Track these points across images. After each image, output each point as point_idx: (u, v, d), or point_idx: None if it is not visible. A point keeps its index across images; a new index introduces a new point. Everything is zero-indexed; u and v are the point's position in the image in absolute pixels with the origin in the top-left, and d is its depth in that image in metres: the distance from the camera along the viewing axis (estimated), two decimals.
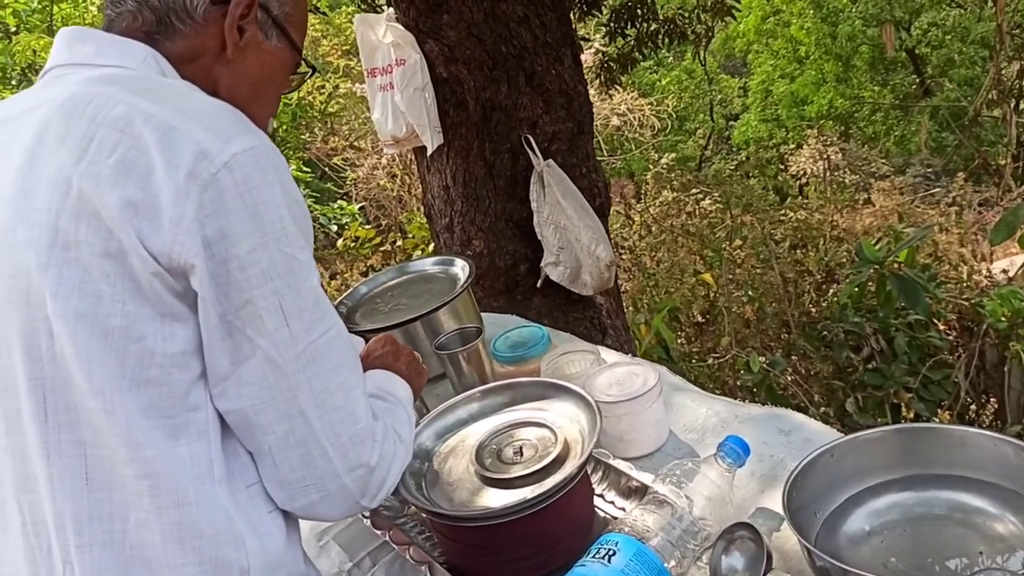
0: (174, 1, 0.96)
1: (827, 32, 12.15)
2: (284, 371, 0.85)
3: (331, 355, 0.89)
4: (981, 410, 4.00)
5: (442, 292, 1.83)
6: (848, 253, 5.15)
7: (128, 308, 0.81)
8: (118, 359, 0.81)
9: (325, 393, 0.88)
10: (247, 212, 0.82)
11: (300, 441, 0.87)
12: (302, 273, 0.87)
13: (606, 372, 1.44)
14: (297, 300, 0.86)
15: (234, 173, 0.82)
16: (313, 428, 0.87)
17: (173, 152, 0.81)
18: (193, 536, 0.85)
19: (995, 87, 5.20)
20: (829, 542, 1.09)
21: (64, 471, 0.83)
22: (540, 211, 3.06)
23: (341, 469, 0.89)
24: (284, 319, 0.85)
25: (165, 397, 0.84)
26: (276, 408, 0.86)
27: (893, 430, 1.16)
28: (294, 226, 0.86)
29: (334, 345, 0.89)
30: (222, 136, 0.83)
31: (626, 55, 4.76)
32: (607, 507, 1.30)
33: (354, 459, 0.90)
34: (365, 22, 3.12)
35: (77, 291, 0.80)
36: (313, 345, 0.87)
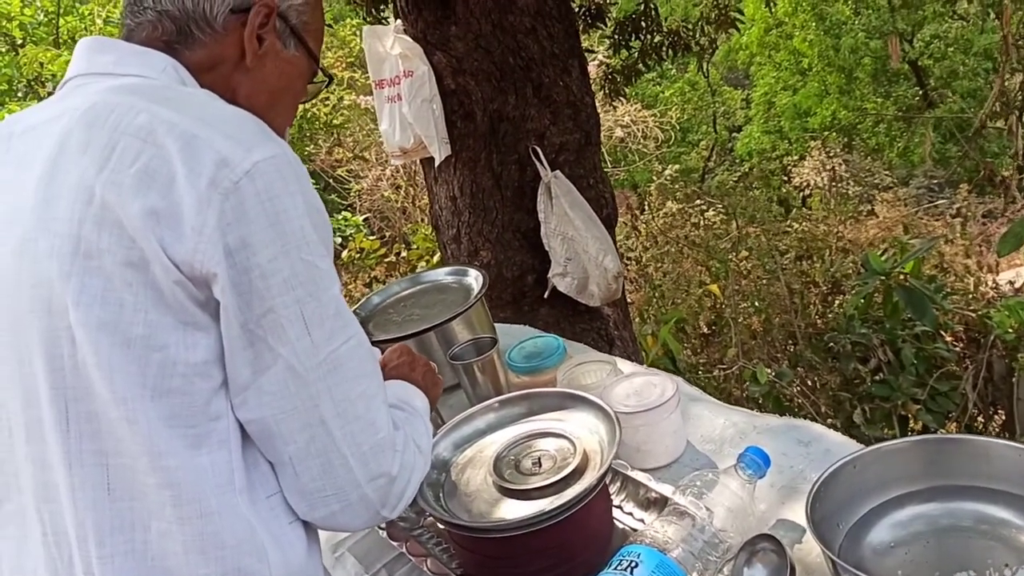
0: (194, 10, 0.96)
1: (830, 44, 12.18)
2: (305, 380, 0.85)
3: (352, 364, 0.88)
4: (989, 422, 3.99)
5: (455, 302, 1.82)
6: (854, 264, 5.15)
7: (150, 317, 0.81)
8: (140, 368, 0.81)
9: (346, 403, 0.87)
10: (268, 221, 0.82)
11: (321, 451, 0.87)
12: (324, 282, 0.86)
13: (623, 382, 1.43)
14: (319, 309, 0.85)
15: (256, 182, 0.81)
16: (334, 438, 0.87)
17: (195, 161, 0.81)
18: (216, 546, 0.84)
19: (999, 99, 5.19)
20: (853, 554, 1.08)
21: (86, 481, 0.83)
22: (547, 222, 3.06)
23: (362, 479, 0.89)
24: (306, 328, 0.84)
25: (187, 407, 0.83)
26: (297, 418, 0.86)
27: (916, 441, 1.15)
28: (315, 235, 0.86)
29: (355, 354, 0.89)
30: (243, 145, 0.83)
31: (630, 67, 4.77)
32: (625, 519, 1.29)
33: (375, 469, 0.89)
34: (373, 34, 3.13)
35: (99, 300, 0.80)
36: (335, 354, 0.87)
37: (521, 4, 2.95)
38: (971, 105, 10.42)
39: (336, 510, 0.90)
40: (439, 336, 1.75)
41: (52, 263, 0.81)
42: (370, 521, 0.94)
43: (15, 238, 0.84)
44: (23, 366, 0.84)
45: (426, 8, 2.95)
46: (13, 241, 0.85)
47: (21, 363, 0.85)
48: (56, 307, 0.81)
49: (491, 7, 2.92)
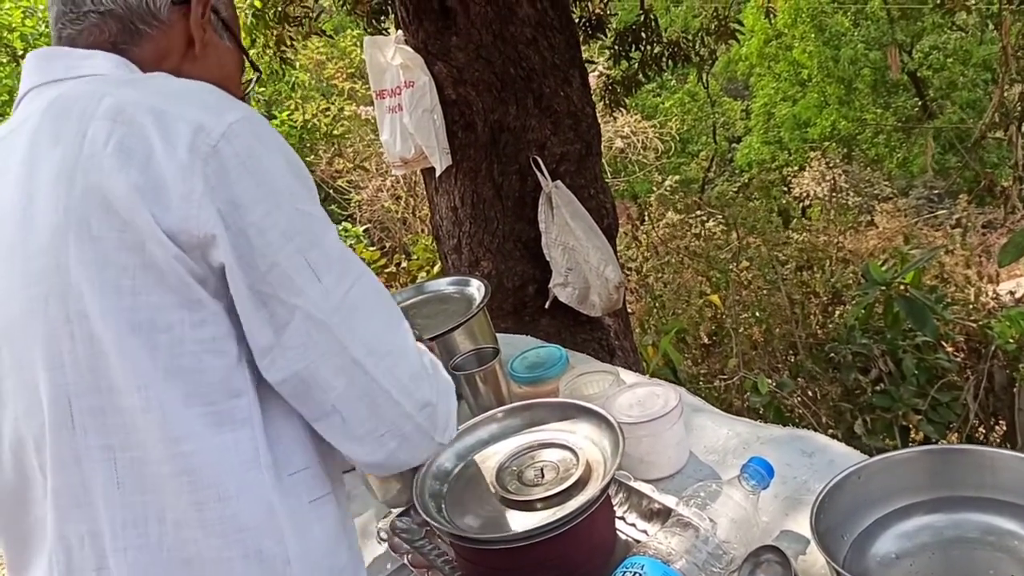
0: (137, 6, 0.97)
1: (829, 55, 12.21)
2: (327, 325, 0.84)
3: (369, 300, 0.89)
4: (990, 432, 3.98)
5: (457, 312, 1.82)
6: (854, 275, 5.15)
7: (152, 299, 0.80)
8: (149, 351, 0.80)
9: (374, 339, 0.87)
10: (254, 179, 0.82)
11: (363, 391, 0.87)
12: (320, 227, 0.86)
13: (626, 393, 1.43)
14: (322, 254, 0.85)
15: (233, 143, 0.82)
16: (372, 376, 0.87)
17: (170, 132, 0.81)
18: (236, 529, 0.84)
19: (999, 109, 5.20)
20: (857, 565, 1.07)
21: (95, 476, 0.82)
22: (548, 232, 3.06)
23: (411, 409, 0.89)
24: (314, 275, 0.84)
25: (202, 384, 0.83)
26: (330, 364, 0.85)
27: (921, 451, 1.15)
28: (301, 185, 0.86)
29: (369, 290, 0.89)
30: (214, 110, 0.83)
31: (630, 78, 4.78)
32: (628, 530, 1.28)
33: (419, 397, 0.90)
34: (374, 44, 3.14)
35: (98, 289, 0.79)
36: (349, 295, 0.86)
37: (522, 15, 2.96)
38: (970, 116, 10.45)
39: (394, 448, 0.90)
40: (441, 346, 1.75)
41: (43, 259, 0.81)
42: (430, 450, 0.95)
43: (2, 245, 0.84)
44: (23, 372, 0.84)
45: (427, 18, 2.96)
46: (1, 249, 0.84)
47: (21, 370, 0.84)
48: (52, 304, 0.81)
49: (492, 18, 2.92)
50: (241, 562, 0.84)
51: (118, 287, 0.79)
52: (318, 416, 0.88)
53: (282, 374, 0.85)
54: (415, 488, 1.21)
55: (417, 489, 1.21)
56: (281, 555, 0.87)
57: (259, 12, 4.43)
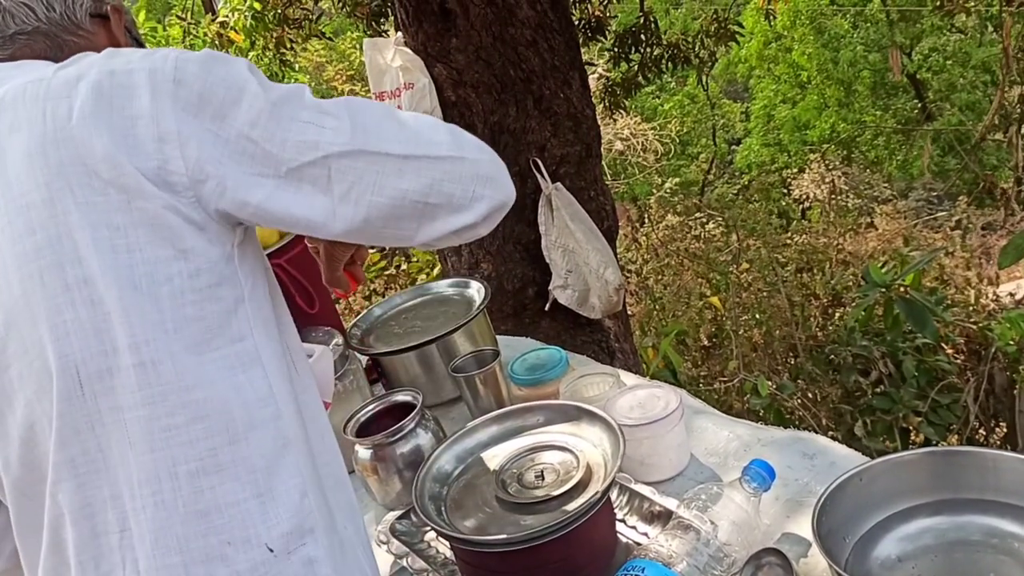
0: (61, 19, 0.99)
1: (829, 57, 12.22)
2: (359, 150, 0.87)
3: (368, 111, 0.91)
4: (990, 434, 3.98)
5: (457, 315, 1.81)
6: (854, 277, 5.14)
7: (147, 255, 0.81)
8: (154, 305, 0.81)
9: (400, 131, 0.90)
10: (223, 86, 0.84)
11: (431, 172, 0.89)
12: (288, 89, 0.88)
13: (627, 395, 1.42)
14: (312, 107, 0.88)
15: (188, 67, 0.84)
16: (427, 155, 0.89)
17: (126, 84, 0.82)
18: (248, 470, 0.85)
19: (999, 111, 5.20)
20: (859, 568, 1.07)
21: (110, 439, 0.82)
22: (548, 234, 3.06)
23: (474, 155, 0.93)
24: (316, 125, 0.86)
25: (207, 332, 0.84)
26: (388, 175, 0.87)
27: (923, 453, 1.14)
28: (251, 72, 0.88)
29: (361, 104, 0.92)
30: (155, 54, 0.85)
31: (630, 80, 4.78)
32: (629, 532, 1.28)
33: (468, 141, 0.94)
34: (374, 46, 3.13)
35: (94, 252, 0.80)
36: (352, 117, 0.88)
37: (522, 16, 2.96)
38: (970, 118, 10.45)
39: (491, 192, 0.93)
40: (440, 348, 1.74)
41: (31, 238, 0.81)
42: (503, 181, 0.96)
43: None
44: (30, 356, 0.83)
45: (427, 20, 2.96)
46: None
47: (27, 354, 0.84)
48: (48, 276, 0.81)
49: (492, 19, 2.92)
50: (255, 502, 0.85)
51: (113, 247, 0.80)
52: (416, 221, 0.91)
53: (359, 216, 0.88)
54: (415, 490, 1.20)
55: (417, 491, 1.20)
56: (300, 487, 0.88)
57: (259, 14, 4.43)
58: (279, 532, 0.86)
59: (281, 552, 0.86)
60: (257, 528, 0.85)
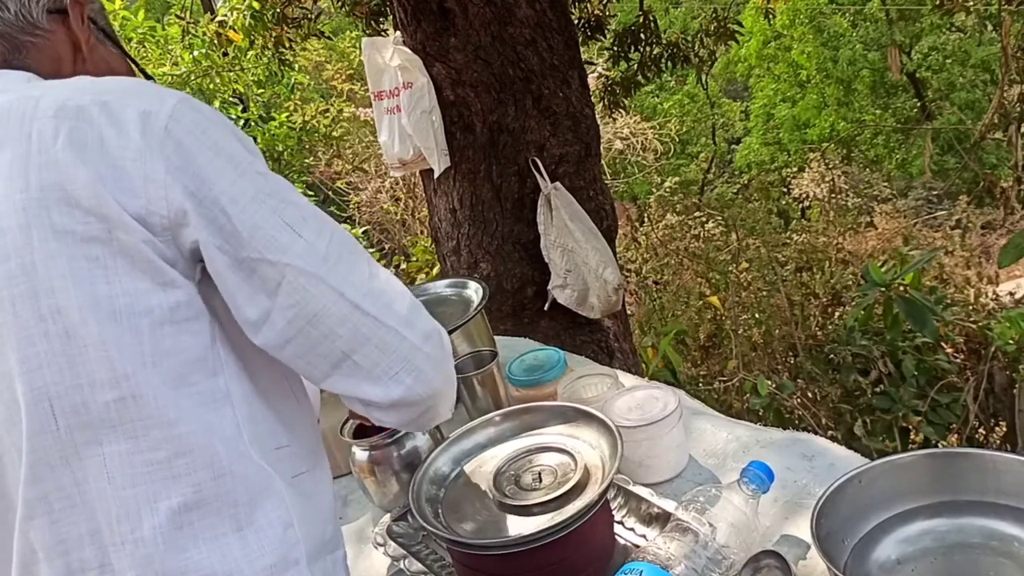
0: (16, 19, 0.96)
1: (828, 56, 12.23)
2: (320, 276, 0.85)
3: (349, 247, 0.90)
4: (990, 434, 3.97)
5: (455, 315, 1.81)
6: (854, 276, 5.13)
7: (126, 285, 0.80)
8: (134, 337, 0.80)
9: (366, 281, 0.89)
10: (212, 151, 0.83)
11: (369, 332, 0.87)
12: (285, 187, 0.88)
13: (625, 396, 1.41)
14: (296, 210, 0.86)
15: (182, 122, 0.82)
16: (374, 315, 0.88)
17: (118, 119, 0.81)
18: (230, 504, 0.84)
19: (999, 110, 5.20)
20: (858, 571, 1.06)
21: (87, 473, 0.81)
22: (547, 234, 3.05)
23: (417, 341, 0.90)
24: (294, 231, 0.85)
25: (185, 364, 0.83)
26: (330, 313, 0.86)
27: (922, 455, 1.13)
28: (252, 152, 0.88)
29: (346, 239, 0.90)
30: (152, 95, 0.84)
31: (629, 79, 4.77)
32: (627, 534, 1.27)
33: (422, 327, 0.91)
34: (372, 45, 3.13)
35: (72, 282, 0.78)
36: (332, 244, 0.87)
37: (521, 16, 2.95)
38: (969, 117, 10.45)
39: (411, 382, 0.90)
40: None
41: (5, 264, 0.79)
42: (447, 380, 0.96)
43: None
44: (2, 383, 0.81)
45: (425, 20, 2.95)
46: None
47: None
48: (21, 305, 0.79)
49: (491, 19, 2.91)
50: (234, 536, 0.85)
51: (91, 277, 0.79)
52: (330, 368, 0.89)
53: (284, 334, 0.86)
54: (411, 492, 1.20)
55: (414, 493, 1.20)
56: (284, 518, 0.88)
57: (258, 13, 4.42)
58: (262, 564, 0.86)
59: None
60: (239, 563, 0.85)
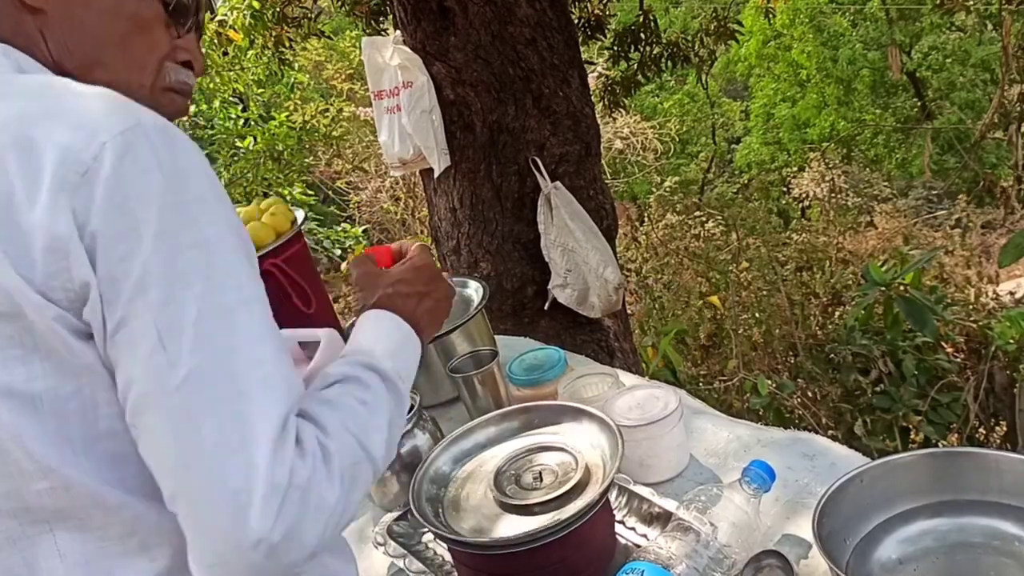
0: None
1: (828, 56, 12.23)
2: (162, 410, 0.68)
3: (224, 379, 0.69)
4: (990, 433, 3.97)
5: (455, 314, 1.80)
6: (854, 276, 5.14)
7: (47, 366, 0.69)
8: (58, 425, 0.70)
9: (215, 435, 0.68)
10: (118, 212, 0.67)
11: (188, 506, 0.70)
12: (185, 278, 0.69)
13: (625, 395, 1.41)
14: (177, 313, 0.68)
15: (104, 166, 0.67)
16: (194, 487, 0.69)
17: (34, 165, 0.67)
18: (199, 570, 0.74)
19: (999, 109, 5.20)
20: (860, 570, 1.06)
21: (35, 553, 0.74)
22: (547, 233, 3.05)
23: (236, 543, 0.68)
24: (159, 341, 0.67)
25: (124, 444, 0.71)
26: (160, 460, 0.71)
27: (924, 455, 1.13)
28: (182, 214, 0.70)
29: (235, 364, 0.70)
30: (87, 128, 0.68)
31: (629, 78, 4.77)
32: (628, 534, 1.27)
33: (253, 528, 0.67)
34: (372, 45, 3.13)
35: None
36: (199, 371, 0.68)
37: (521, 15, 2.95)
38: (969, 116, 10.45)
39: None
40: (438, 348, 1.73)
41: None
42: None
43: None
44: None
45: (425, 19, 2.95)
46: None
47: None
48: None
49: (491, 18, 2.91)
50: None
51: (5, 360, 0.69)
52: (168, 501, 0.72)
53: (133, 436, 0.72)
54: (412, 492, 1.19)
55: (414, 492, 1.19)
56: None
57: (258, 13, 4.42)
58: None
59: None
60: None
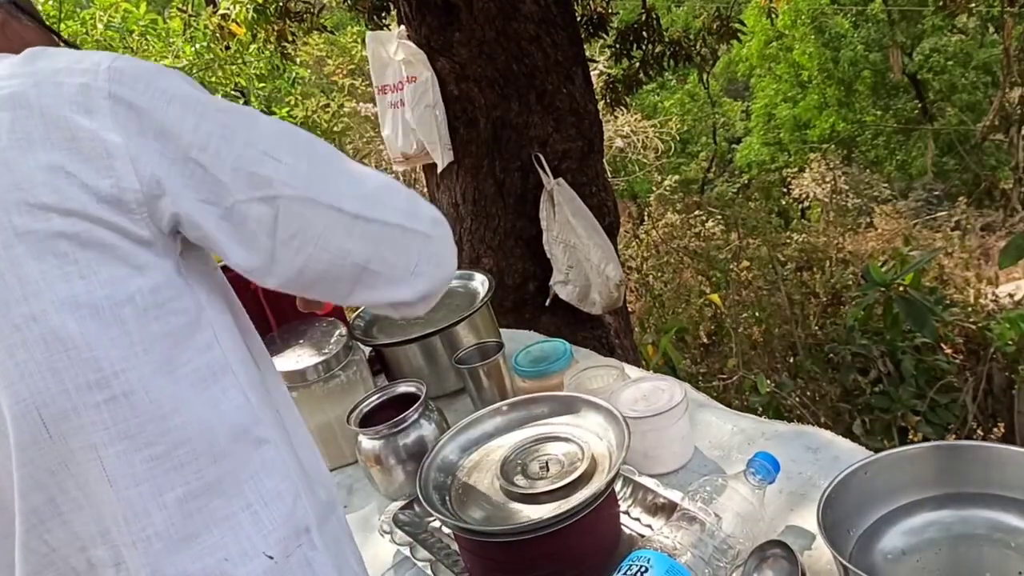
0: None
1: (829, 57, 12.23)
2: (312, 199, 0.82)
3: (329, 157, 0.87)
4: (988, 434, 3.98)
5: (461, 307, 1.81)
6: (854, 276, 5.15)
7: (102, 275, 0.76)
8: (121, 328, 0.76)
9: (357, 187, 0.86)
10: (164, 101, 0.78)
11: (379, 238, 0.86)
12: (247, 114, 0.83)
13: (631, 387, 1.42)
14: (267, 136, 0.82)
15: (123, 81, 0.77)
16: (378, 219, 0.86)
17: (58, 101, 0.75)
18: (234, 483, 0.83)
19: (999, 112, 5.21)
20: (864, 561, 1.07)
21: (88, 476, 0.78)
22: (550, 229, 3.06)
23: (428, 230, 0.90)
24: (273, 159, 0.81)
25: (176, 346, 0.80)
26: (335, 231, 0.84)
27: (928, 447, 1.14)
28: (200, 89, 0.82)
29: (324, 149, 0.87)
30: (85, 61, 0.78)
31: (631, 76, 4.78)
32: (633, 524, 1.28)
33: (426, 215, 0.90)
34: (377, 40, 3.13)
35: (44, 284, 0.74)
36: (312, 161, 0.84)
37: (525, 11, 2.96)
38: (970, 119, 10.46)
39: (433, 270, 0.90)
40: (444, 340, 1.74)
41: None
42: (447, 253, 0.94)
43: None
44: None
45: (430, 14, 2.96)
46: None
47: None
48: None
49: (495, 13, 2.92)
50: (245, 513, 0.83)
51: (65, 275, 0.75)
52: (351, 284, 0.87)
53: (295, 267, 0.84)
54: (419, 480, 1.20)
55: (421, 480, 1.20)
56: (292, 489, 0.87)
57: (260, 7, 4.42)
58: (276, 538, 0.85)
59: (280, 557, 0.85)
60: (253, 539, 0.84)
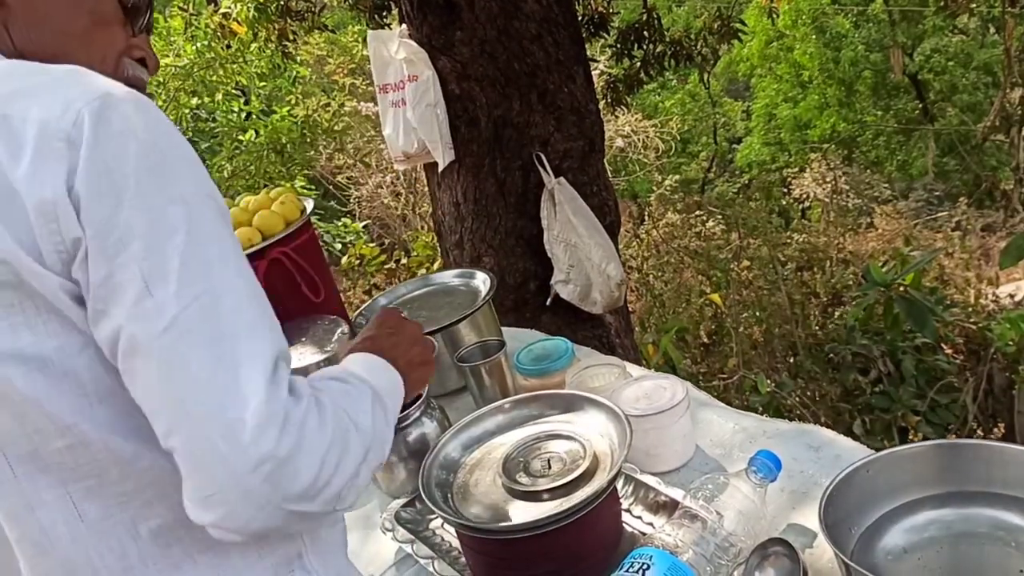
0: None
1: (830, 57, 12.24)
2: (150, 352, 0.70)
3: (213, 319, 0.71)
4: (988, 434, 3.98)
5: (463, 305, 1.81)
6: (854, 276, 5.15)
7: (51, 327, 0.72)
8: (73, 382, 0.73)
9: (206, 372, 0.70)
10: (97, 171, 0.70)
11: (186, 440, 0.71)
12: (171, 226, 0.71)
13: (633, 386, 1.42)
14: (162, 260, 0.70)
15: (84, 131, 0.70)
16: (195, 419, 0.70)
17: (16, 137, 0.70)
18: None
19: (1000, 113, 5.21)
20: (865, 559, 1.07)
21: (54, 518, 0.77)
22: (551, 229, 3.06)
23: (241, 466, 0.69)
24: (145, 286, 0.69)
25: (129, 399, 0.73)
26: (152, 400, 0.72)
27: (930, 446, 1.14)
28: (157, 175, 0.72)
29: (221, 305, 0.72)
30: (62, 99, 0.71)
31: (632, 76, 4.78)
32: (635, 522, 1.28)
33: (256, 451, 0.69)
34: (378, 38, 3.13)
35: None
36: (187, 313, 0.70)
37: (527, 10, 2.96)
38: (971, 119, 10.46)
39: (222, 515, 0.71)
40: (446, 338, 1.74)
41: None
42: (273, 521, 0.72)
43: None
44: None
45: (431, 13, 2.96)
46: None
47: None
48: None
49: (497, 12, 2.92)
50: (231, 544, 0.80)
51: (11, 326, 0.72)
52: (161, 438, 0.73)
53: None
54: (422, 477, 1.20)
55: (423, 477, 1.20)
56: None
57: (261, 6, 4.43)
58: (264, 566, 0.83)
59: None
60: (238, 570, 0.82)
